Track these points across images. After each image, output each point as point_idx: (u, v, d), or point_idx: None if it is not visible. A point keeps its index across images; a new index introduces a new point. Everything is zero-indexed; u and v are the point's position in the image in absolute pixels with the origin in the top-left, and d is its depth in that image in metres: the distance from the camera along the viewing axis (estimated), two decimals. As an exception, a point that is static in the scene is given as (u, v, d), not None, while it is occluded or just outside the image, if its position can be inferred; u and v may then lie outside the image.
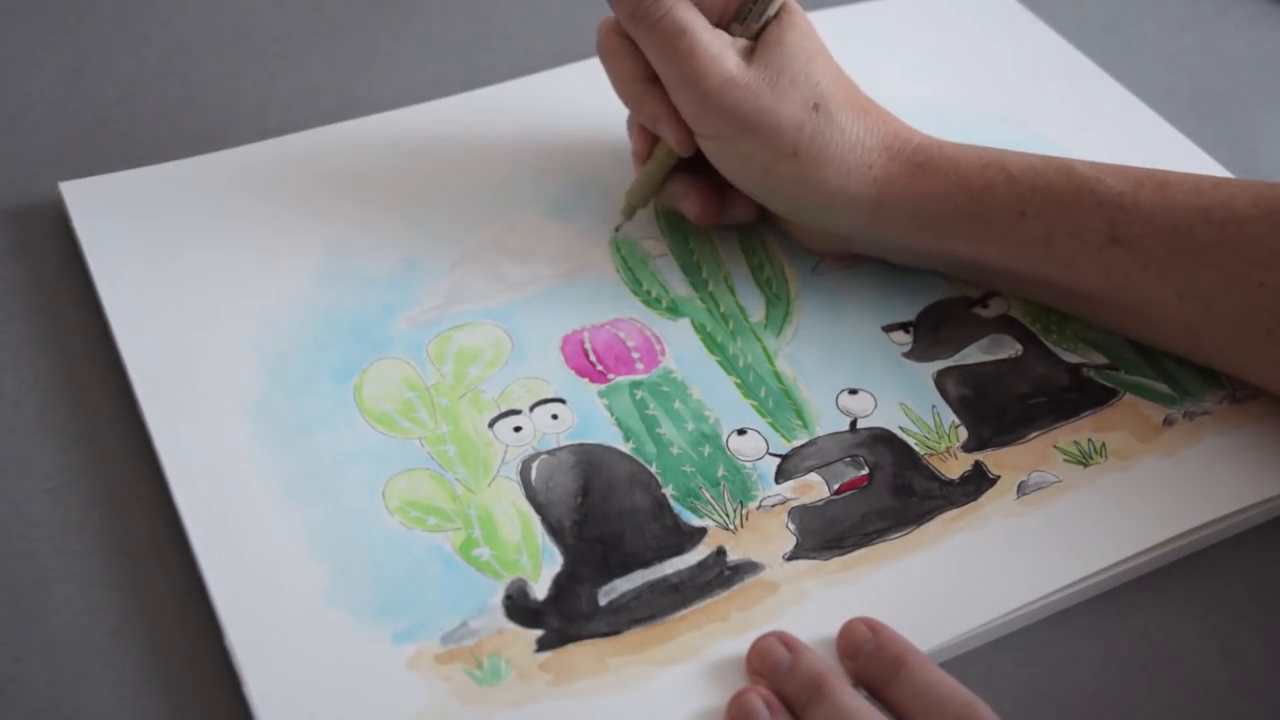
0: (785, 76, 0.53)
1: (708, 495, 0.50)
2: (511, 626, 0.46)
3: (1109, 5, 0.76)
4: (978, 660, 0.47)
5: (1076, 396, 0.54)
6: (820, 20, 0.70)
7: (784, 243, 0.59)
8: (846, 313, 0.57)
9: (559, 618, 0.46)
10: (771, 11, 0.53)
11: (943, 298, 0.57)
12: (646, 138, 0.57)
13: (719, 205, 0.57)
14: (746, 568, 0.48)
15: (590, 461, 0.51)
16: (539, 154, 0.63)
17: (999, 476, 0.51)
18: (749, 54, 0.53)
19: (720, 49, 0.53)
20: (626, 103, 0.56)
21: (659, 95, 0.54)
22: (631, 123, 0.58)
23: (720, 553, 0.48)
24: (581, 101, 0.65)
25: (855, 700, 0.43)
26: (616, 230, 0.59)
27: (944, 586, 0.48)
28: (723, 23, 0.54)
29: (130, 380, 0.52)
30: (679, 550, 0.48)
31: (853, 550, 0.49)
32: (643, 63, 0.55)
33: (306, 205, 0.59)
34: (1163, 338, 0.54)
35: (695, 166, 0.56)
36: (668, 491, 0.50)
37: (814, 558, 0.48)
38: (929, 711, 0.43)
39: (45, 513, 0.49)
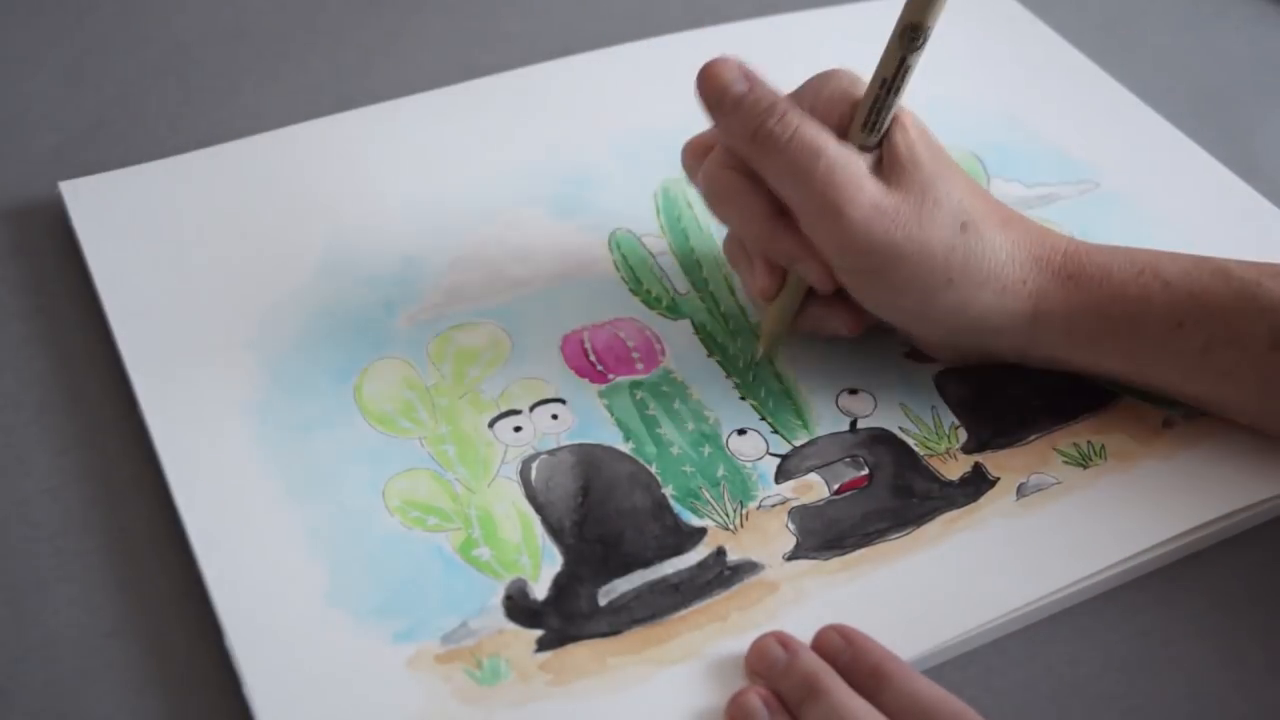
0: (929, 197, 0.48)
1: (708, 495, 0.50)
2: (511, 626, 0.46)
3: (1109, 5, 0.76)
4: (977, 660, 0.47)
5: (1076, 399, 0.54)
6: (820, 20, 0.71)
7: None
8: (846, 313, 0.57)
9: (559, 618, 0.46)
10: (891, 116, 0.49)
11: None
12: (777, 274, 0.52)
13: (861, 313, 0.52)
14: (746, 568, 0.48)
15: (590, 461, 0.51)
16: (540, 150, 0.62)
17: (998, 478, 0.51)
18: (880, 170, 0.49)
19: (860, 171, 0.48)
20: (753, 243, 0.51)
21: (792, 230, 0.50)
22: (739, 254, 0.53)
23: (720, 553, 0.48)
24: (584, 96, 0.65)
25: (851, 699, 0.43)
26: (755, 363, 0.54)
27: (944, 587, 0.48)
28: (840, 132, 0.49)
29: (130, 380, 0.52)
30: (679, 550, 0.48)
31: (853, 550, 0.49)
32: (767, 197, 0.50)
33: (306, 201, 0.59)
34: None
35: None
36: (668, 491, 0.50)
37: (814, 558, 0.48)
38: None
39: (45, 513, 0.49)
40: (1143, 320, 0.50)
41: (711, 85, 0.49)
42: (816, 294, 0.52)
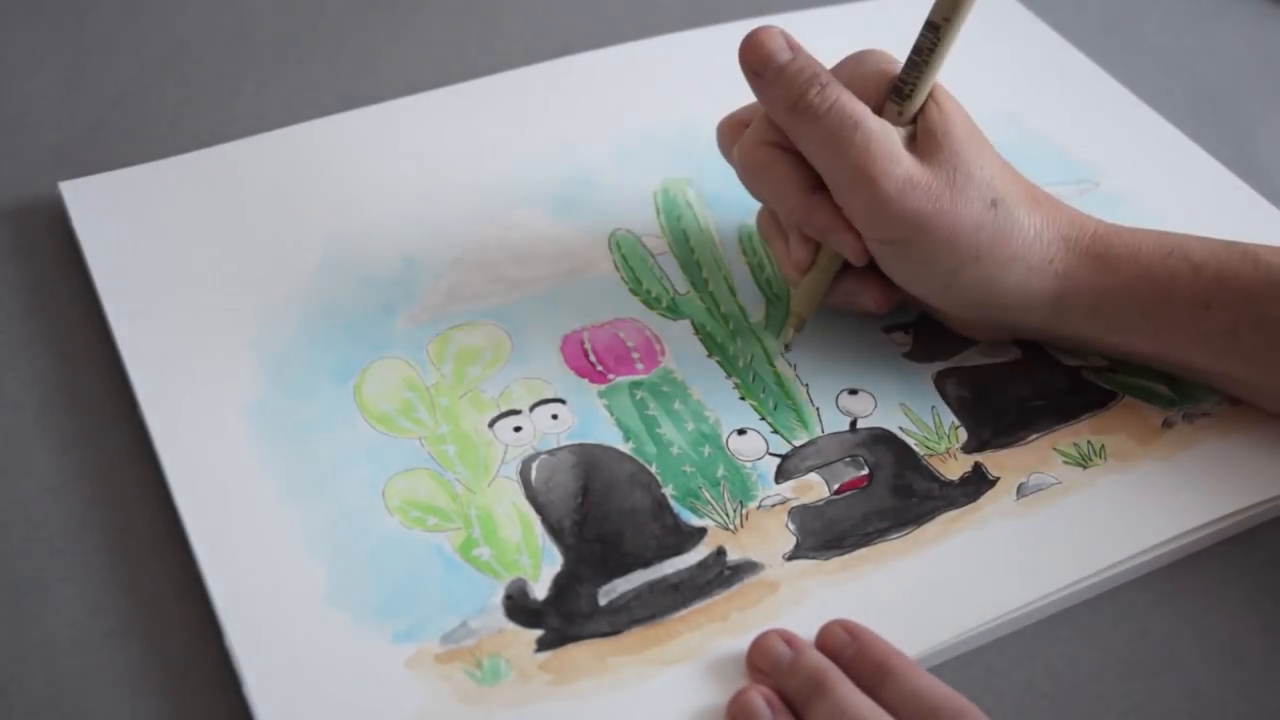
0: (960, 173, 0.49)
1: (708, 495, 0.50)
2: (511, 626, 0.46)
3: (1109, 5, 0.76)
4: (978, 660, 0.47)
5: (1076, 399, 0.54)
6: (820, 20, 0.71)
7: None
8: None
9: (559, 618, 0.46)
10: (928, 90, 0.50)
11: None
12: (811, 247, 0.52)
13: (891, 289, 0.53)
14: (746, 568, 0.48)
15: (590, 461, 0.51)
16: (540, 150, 0.62)
17: (998, 478, 0.51)
18: (914, 146, 0.49)
19: (895, 144, 0.49)
20: (788, 217, 0.52)
21: (828, 204, 0.50)
22: (773, 229, 0.54)
23: (720, 553, 0.48)
24: (584, 96, 0.65)
25: (857, 697, 0.43)
26: (786, 348, 0.55)
27: (944, 587, 0.48)
28: (875, 108, 0.50)
29: (130, 380, 0.52)
30: (679, 550, 0.48)
31: (853, 550, 0.49)
32: (805, 169, 0.50)
33: (306, 201, 0.59)
34: None
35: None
36: (668, 491, 0.50)
37: (814, 557, 0.48)
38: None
39: (45, 513, 0.49)
40: (1170, 301, 0.50)
41: (755, 53, 0.50)
42: (848, 269, 0.53)
